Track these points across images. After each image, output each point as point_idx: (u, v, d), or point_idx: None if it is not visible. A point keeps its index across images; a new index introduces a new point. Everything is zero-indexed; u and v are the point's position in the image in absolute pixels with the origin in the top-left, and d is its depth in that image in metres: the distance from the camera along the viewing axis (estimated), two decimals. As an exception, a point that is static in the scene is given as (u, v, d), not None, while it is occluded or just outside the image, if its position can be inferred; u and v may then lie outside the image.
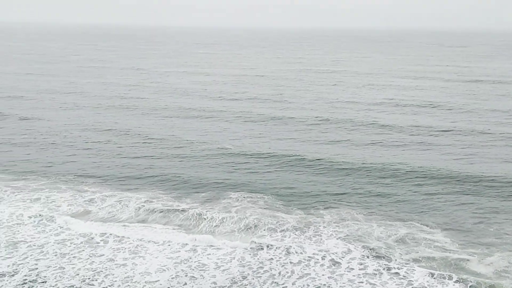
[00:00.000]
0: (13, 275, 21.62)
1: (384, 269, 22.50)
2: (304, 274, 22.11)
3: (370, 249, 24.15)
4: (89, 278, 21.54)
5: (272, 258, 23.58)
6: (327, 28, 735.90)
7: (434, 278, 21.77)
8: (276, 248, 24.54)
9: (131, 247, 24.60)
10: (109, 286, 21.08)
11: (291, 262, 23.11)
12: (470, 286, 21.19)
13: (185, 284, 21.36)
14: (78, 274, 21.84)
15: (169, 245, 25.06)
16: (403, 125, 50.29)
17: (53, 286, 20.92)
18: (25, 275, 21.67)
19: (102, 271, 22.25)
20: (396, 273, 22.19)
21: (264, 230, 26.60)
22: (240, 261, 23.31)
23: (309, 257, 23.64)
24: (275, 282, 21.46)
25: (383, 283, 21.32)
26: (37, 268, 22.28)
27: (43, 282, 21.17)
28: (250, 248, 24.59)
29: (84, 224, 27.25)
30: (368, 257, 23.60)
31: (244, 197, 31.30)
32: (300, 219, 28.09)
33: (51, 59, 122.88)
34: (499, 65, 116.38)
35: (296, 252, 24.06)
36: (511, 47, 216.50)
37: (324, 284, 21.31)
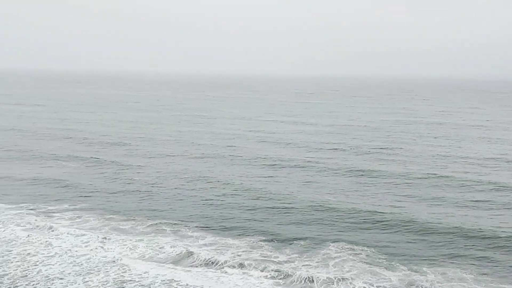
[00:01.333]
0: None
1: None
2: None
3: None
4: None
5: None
6: (426, 77, 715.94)
7: None
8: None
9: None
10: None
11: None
12: None
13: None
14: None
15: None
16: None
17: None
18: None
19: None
20: None
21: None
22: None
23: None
24: None
25: None
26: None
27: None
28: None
29: (184, 269, 28.44)
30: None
31: (343, 249, 31.09)
32: (403, 276, 27.34)
33: (161, 107, 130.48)
34: None
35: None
36: None
37: None
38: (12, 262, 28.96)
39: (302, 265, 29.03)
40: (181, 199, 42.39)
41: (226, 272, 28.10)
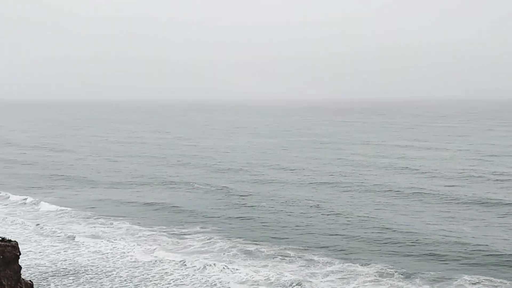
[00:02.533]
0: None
1: None
2: None
3: None
4: None
5: None
6: None
7: None
8: None
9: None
10: None
11: None
12: None
13: None
14: None
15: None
16: None
17: None
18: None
19: None
20: None
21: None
22: None
23: None
24: None
25: None
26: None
27: None
28: None
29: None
30: None
31: (479, 281, 29.47)
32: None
33: (293, 132, 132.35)
34: None
35: None
36: None
37: None
38: (151, 280, 31.27)
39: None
40: (307, 225, 42.81)
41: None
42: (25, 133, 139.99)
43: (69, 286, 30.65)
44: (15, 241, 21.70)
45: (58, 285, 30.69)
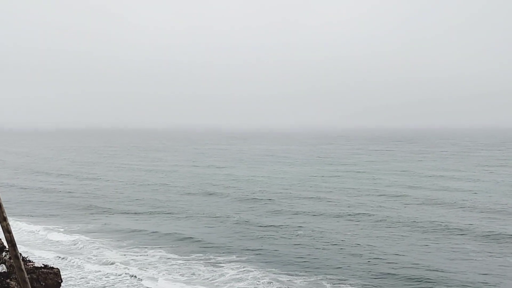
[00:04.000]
0: None
1: None
2: None
3: None
4: None
5: None
6: None
7: None
8: None
9: None
10: None
11: None
12: None
13: None
14: None
15: None
16: None
17: None
18: None
19: None
20: None
21: None
22: None
23: None
24: None
25: None
26: None
27: None
28: None
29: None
30: None
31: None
32: None
33: (319, 160, 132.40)
34: None
35: None
36: None
37: None
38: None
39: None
40: (341, 254, 42.86)
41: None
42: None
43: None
44: (57, 268, 22.57)
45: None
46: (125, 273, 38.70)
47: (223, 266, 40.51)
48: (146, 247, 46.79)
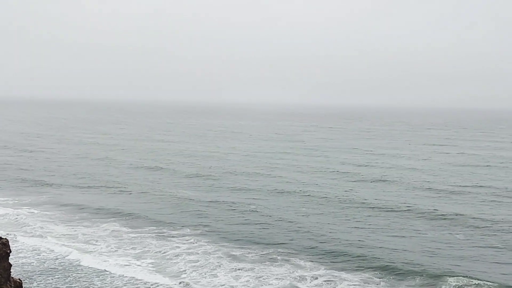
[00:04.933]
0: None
1: None
2: None
3: None
4: None
5: None
6: None
7: None
8: None
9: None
10: None
11: None
12: None
13: None
14: None
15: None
16: None
17: None
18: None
19: None
20: None
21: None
22: None
23: None
24: None
25: None
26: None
27: None
28: None
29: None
30: None
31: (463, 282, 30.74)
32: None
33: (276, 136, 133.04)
34: None
35: None
36: None
37: None
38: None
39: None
40: (295, 231, 43.67)
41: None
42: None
43: (57, 284, 31.30)
44: (5, 238, 22.27)
45: (46, 283, 31.28)
46: (74, 248, 38.40)
47: (175, 241, 40.68)
48: (97, 221, 46.44)
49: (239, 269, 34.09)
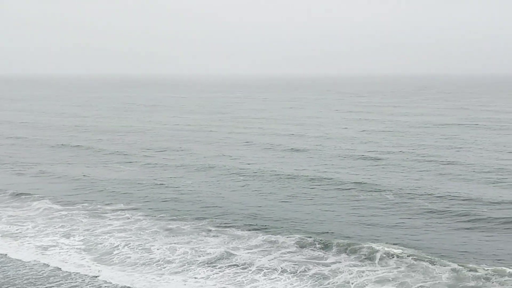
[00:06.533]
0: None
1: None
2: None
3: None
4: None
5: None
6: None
7: None
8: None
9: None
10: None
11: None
12: None
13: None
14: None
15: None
16: None
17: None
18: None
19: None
20: None
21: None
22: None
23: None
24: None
25: None
26: None
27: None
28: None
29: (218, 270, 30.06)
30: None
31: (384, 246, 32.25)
32: (451, 277, 27.90)
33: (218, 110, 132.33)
34: None
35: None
36: None
37: None
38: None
39: (346, 265, 30.14)
40: (225, 201, 44.17)
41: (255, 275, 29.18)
42: None
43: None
44: None
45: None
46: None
47: (108, 217, 40.12)
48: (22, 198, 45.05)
49: (174, 241, 34.22)
